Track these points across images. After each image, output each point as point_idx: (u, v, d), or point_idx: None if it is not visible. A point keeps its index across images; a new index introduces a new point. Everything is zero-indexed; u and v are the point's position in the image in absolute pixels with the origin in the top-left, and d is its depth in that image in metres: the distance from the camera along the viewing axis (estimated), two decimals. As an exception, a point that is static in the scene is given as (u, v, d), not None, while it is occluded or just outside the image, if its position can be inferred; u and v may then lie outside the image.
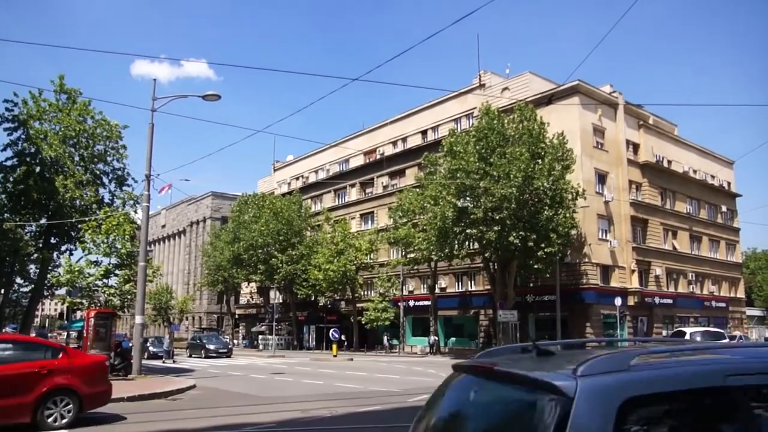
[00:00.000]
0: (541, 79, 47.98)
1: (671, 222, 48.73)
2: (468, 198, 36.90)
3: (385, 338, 49.71)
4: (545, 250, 35.33)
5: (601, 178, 43.73)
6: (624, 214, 44.13)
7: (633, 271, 43.77)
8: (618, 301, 39.01)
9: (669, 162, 49.89)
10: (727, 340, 30.35)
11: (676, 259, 48.21)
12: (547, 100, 39.27)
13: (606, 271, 42.46)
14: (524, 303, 41.64)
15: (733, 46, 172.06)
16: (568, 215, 36.65)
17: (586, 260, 40.80)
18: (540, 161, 35.73)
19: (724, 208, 55.31)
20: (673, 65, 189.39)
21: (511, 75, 50.07)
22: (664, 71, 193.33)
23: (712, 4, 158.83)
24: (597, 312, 40.43)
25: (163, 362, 35.65)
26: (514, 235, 34.93)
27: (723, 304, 52.60)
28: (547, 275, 38.70)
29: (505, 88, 48.09)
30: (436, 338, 46.12)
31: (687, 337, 28.34)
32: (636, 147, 47.27)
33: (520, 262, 38.40)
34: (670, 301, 46.25)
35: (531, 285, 42.54)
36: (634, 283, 43.60)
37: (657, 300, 44.97)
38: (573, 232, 38.45)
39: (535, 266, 37.05)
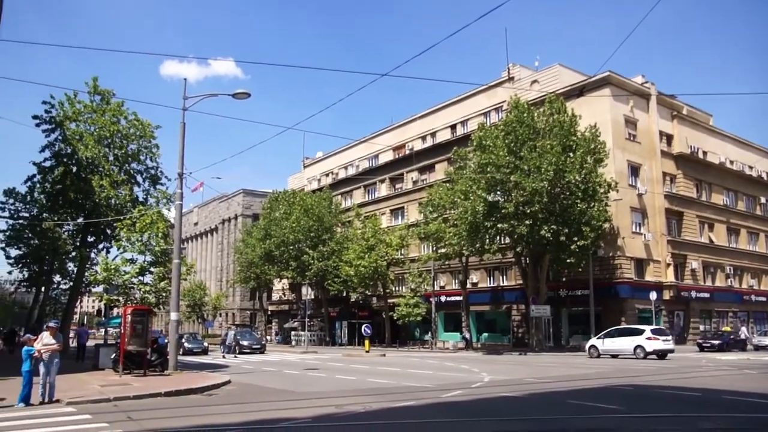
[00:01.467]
0: (571, 71, 47.38)
1: (707, 214, 47.78)
2: (498, 192, 36.75)
3: (429, 333, 49.50)
4: (578, 243, 34.98)
5: (634, 170, 43.10)
6: (658, 207, 43.43)
7: (668, 264, 43.08)
8: (653, 296, 38.47)
9: (704, 153, 48.91)
10: (670, 338, 31.76)
11: (713, 252, 47.28)
12: (578, 91, 38.79)
13: (640, 264, 41.84)
14: (557, 298, 41.28)
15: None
16: (600, 208, 36.22)
17: (620, 254, 40.26)
18: (571, 154, 35.41)
19: (763, 200, 53.92)
20: (707, 53, 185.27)
21: (540, 67, 49.57)
22: (698, 60, 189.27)
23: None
24: (632, 306, 39.87)
25: (235, 356, 36.22)
26: (546, 229, 34.68)
27: (763, 299, 51.34)
28: (580, 269, 38.26)
29: (535, 81, 47.62)
30: (467, 334, 45.94)
31: (646, 334, 30.79)
32: (669, 138, 46.43)
33: (552, 257, 38.09)
34: (707, 295, 45.39)
35: (563, 279, 42.11)
36: (669, 276, 42.90)
37: (694, 294, 44.19)
38: (606, 225, 37.96)
39: (568, 260, 36.66)
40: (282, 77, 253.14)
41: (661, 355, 30.05)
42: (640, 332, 31.30)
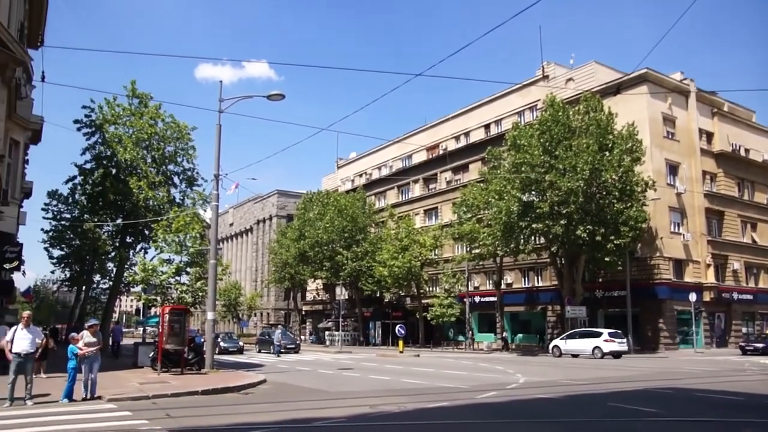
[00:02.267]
0: (607, 69, 46.69)
1: (750, 214, 46.57)
2: (533, 192, 36.42)
3: (463, 334, 49.12)
4: (615, 242, 34.44)
5: (673, 169, 42.24)
6: (698, 206, 42.49)
7: (708, 265, 42.13)
8: (693, 297, 37.71)
9: (746, 150, 47.69)
10: (624, 340, 33.84)
11: (756, 252, 46.05)
12: (615, 89, 38.12)
13: (679, 265, 40.98)
14: (593, 298, 40.69)
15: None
16: (638, 208, 35.60)
17: (658, 254, 39.51)
18: (607, 153, 34.90)
19: (808, 198, 52.22)
20: (748, 48, 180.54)
21: (575, 65, 48.97)
22: (740, 55, 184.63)
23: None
24: (670, 308, 39.08)
25: (278, 355, 36.87)
26: (582, 229, 34.24)
27: (810, 301, 49.71)
28: (619, 267, 37.60)
29: (570, 79, 47.05)
30: (506, 334, 45.43)
31: (604, 336, 33.46)
32: (710, 136, 45.39)
33: (588, 257, 37.56)
34: (749, 296, 44.27)
35: (600, 280, 41.53)
36: (709, 277, 41.93)
37: (735, 296, 43.13)
38: (644, 225, 37.26)
39: (605, 259, 36.07)
40: (315, 78, 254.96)
41: (617, 355, 32.76)
42: (599, 335, 34.09)
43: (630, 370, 23.20)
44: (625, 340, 34.27)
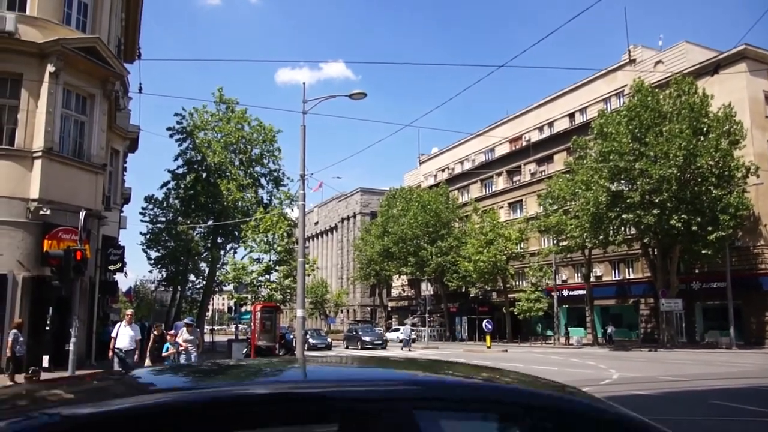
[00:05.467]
0: (699, 48, 44.19)
1: None
2: (622, 181, 35.22)
3: (553, 329, 48.03)
4: (714, 234, 32.62)
5: (777, 151, 39.52)
6: (807, 190, 39.55)
7: (821, 253, 39.16)
8: (804, 288, 35.13)
9: None
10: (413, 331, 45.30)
11: None
12: (713, 69, 35.83)
13: (787, 254, 38.33)
14: (689, 291, 38.79)
15: None
16: (738, 194, 33.61)
17: (762, 243, 37.12)
18: (702, 137, 33.18)
19: None
20: None
21: (664, 47, 46.69)
22: None
23: None
24: (778, 300, 36.62)
25: (402, 349, 39.41)
26: (676, 218, 32.72)
27: None
28: (718, 260, 35.60)
29: (659, 62, 44.94)
30: (612, 329, 43.60)
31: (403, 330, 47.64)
32: (821, 113, 42.12)
33: (683, 247, 35.81)
34: None
35: (696, 271, 39.49)
36: (823, 267, 38.98)
37: None
38: (745, 212, 35.12)
39: (703, 251, 34.22)
40: (393, 75, 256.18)
41: (414, 341, 46.04)
42: (399, 330, 50.72)
43: (735, 367, 21.97)
44: (413, 331, 48.78)
